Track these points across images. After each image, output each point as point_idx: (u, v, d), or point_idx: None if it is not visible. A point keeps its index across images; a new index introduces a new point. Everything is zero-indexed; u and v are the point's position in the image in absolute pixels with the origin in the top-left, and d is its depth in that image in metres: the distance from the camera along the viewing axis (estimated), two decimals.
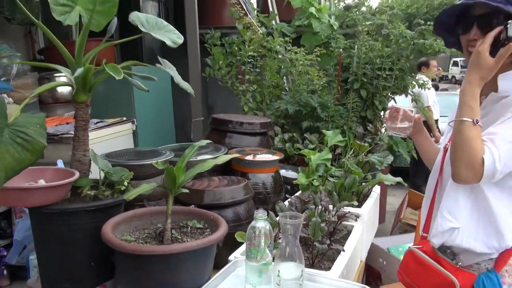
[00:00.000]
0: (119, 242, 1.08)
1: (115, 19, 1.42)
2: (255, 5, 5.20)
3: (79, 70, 1.17)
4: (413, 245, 1.21)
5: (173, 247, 1.09)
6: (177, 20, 5.73)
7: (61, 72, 3.01)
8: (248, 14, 3.82)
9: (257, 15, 3.77)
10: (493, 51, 1.05)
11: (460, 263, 1.13)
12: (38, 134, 1.10)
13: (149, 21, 1.45)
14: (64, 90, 3.31)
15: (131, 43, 1.56)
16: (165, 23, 1.51)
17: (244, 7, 3.92)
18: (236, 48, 3.23)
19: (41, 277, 1.37)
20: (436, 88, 8.29)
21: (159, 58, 1.48)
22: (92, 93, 1.34)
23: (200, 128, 3.11)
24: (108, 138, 3.01)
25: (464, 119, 1.05)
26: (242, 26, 3.32)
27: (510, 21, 1.04)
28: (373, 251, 2.39)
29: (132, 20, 1.39)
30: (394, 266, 2.36)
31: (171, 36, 1.48)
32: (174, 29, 1.52)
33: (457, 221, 1.13)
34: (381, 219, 3.58)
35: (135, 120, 3.32)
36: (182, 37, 1.52)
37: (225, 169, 2.00)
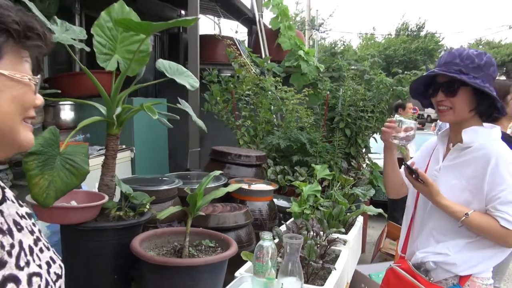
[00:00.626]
0: (151, 255, 1.28)
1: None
2: (246, 45, 5.56)
3: (118, 109, 1.40)
4: (393, 263, 1.45)
5: (195, 260, 1.29)
6: (172, 54, 6.04)
7: (65, 100, 3.23)
8: (243, 54, 4.14)
9: (249, 55, 4.09)
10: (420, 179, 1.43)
11: (432, 279, 1.37)
12: (83, 162, 1.31)
13: (171, 67, 1.70)
14: (67, 117, 3.50)
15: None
16: (184, 69, 1.76)
17: (239, 47, 4.25)
18: (231, 86, 3.51)
19: None
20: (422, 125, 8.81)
21: (178, 99, 1.72)
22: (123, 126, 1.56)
23: (196, 157, 3.32)
24: None
25: (462, 219, 1.35)
26: (238, 65, 3.62)
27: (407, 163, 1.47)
28: (356, 277, 2.60)
29: (158, 67, 1.64)
30: None
31: (189, 81, 1.72)
32: (192, 74, 1.77)
33: (453, 253, 1.40)
34: (362, 249, 3.81)
35: (134, 148, 3.52)
36: (198, 81, 1.77)
37: (224, 197, 2.21)
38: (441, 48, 22.56)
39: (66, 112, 3.48)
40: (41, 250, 0.75)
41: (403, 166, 1.49)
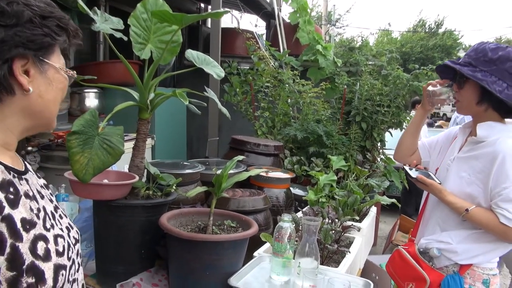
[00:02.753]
0: (178, 230, 1.38)
1: None
2: (265, 38, 5.63)
3: (152, 95, 1.50)
4: (401, 246, 1.53)
5: (220, 236, 1.39)
6: (191, 46, 6.16)
7: (90, 88, 3.44)
8: (261, 47, 4.22)
9: (268, 48, 4.17)
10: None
11: (434, 265, 1.45)
12: (119, 142, 1.41)
13: (199, 57, 1.79)
14: (91, 104, 3.64)
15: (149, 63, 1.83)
16: (211, 59, 1.85)
17: (258, 41, 4.33)
18: (250, 78, 3.60)
19: (97, 261, 1.65)
20: (432, 124, 8.79)
21: (205, 87, 1.82)
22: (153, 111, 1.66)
23: (215, 146, 3.43)
24: (131, 151, 3.32)
25: (463, 214, 1.41)
26: (257, 58, 3.70)
27: (405, 167, 1.56)
28: (367, 266, 2.67)
29: (187, 56, 1.73)
30: (386, 281, 2.64)
31: (216, 70, 1.81)
32: (218, 64, 1.86)
33: (455, 242, 1.47)
34: (374, 242, 3.88)
35: (154, 136, 3.65)
36: (223, 71, 1.86)
37: (243, 183, 2.31)
38: (459, 46, 22.19)
39: (91, 99, 3.62)
40: (60, 217, 0.85)
41: (405, 166, 1.56)
